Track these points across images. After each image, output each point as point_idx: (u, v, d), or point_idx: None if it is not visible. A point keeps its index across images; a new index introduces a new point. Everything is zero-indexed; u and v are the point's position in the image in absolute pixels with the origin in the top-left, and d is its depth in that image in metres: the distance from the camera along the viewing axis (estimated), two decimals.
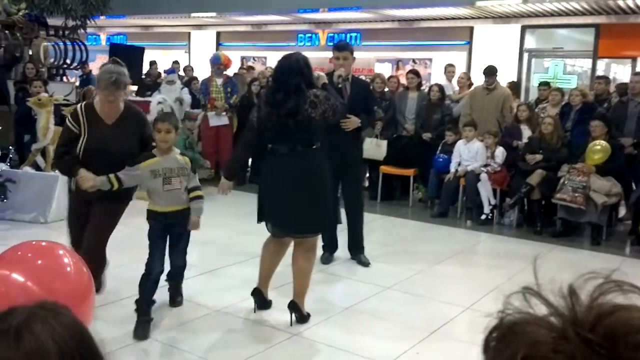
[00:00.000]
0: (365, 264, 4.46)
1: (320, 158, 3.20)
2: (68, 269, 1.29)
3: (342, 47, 4.39)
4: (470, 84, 7.59)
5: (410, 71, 7.17)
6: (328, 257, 4.47)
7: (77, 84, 9.11)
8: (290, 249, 3.36)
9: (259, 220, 3.29)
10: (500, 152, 5.99)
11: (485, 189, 5.91)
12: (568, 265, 4.70)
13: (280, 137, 3.13)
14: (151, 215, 3.15)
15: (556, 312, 0.44)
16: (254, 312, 3.37)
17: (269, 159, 3.22)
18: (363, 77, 9.30)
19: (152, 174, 3.07)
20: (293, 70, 3.08)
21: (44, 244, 1.51)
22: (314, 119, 3.07)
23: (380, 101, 6.76)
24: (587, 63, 9.16)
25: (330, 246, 4.50)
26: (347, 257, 4.55)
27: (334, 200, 4.37)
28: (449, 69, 7.47)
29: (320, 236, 3.53)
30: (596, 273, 0.45)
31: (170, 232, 3.19)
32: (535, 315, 0.45)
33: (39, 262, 1.28)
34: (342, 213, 4.51)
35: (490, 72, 6.58)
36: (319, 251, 4.44)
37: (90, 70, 10.11)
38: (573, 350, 0.40)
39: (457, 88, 7.28)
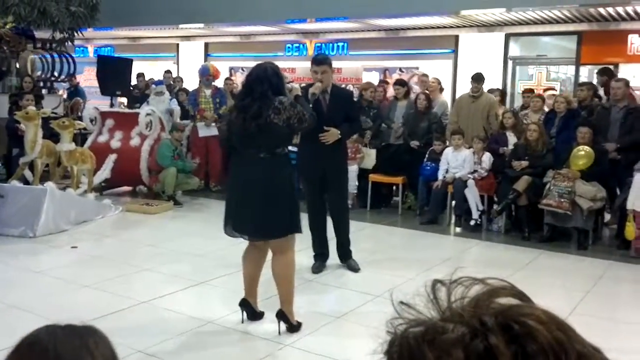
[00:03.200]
0: (355, 268, 4.48)
1: (283, 164, 3.27)
2: None
3: (319, 61, 4.23)
4: (442, 89, 7.69)
5: (396, 82, 7.25)
6: (319, 266, 4.48)
7: (65, 96, 9.09)
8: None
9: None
10: (487, 158, 6.06)
11: (472, 195, 5.97)
12: (556, 270, 4.77)
13: (244, 142, 3.23)
14: None
15: (438, 316, 0.49)
16: (242, 322, 3.37)
17: (234, 162, 3.33)
18: (351, 86, 9.41)
19: None
20: (260, 78, 3.19)
21: None
22: (277, 124, 3.14)
23: (369, 110, 6.82)
24: (570, 70, 9.31)
25: (322, 255, 4.51)
26: (337, 266, 4.57)
27: (319, 208, 4.41)
28: (422, 79, 7.59)
29: (298, 241, 3.54)
30: (441, 279, 0.52)
31: None
32: (433, 321, 0.48)
33: None
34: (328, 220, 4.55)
35: (478, 78, 6.67)
36: (311, 260, 4.48)
37: (78, 83, 10.07)
38: (482, 330, 0.46)
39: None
